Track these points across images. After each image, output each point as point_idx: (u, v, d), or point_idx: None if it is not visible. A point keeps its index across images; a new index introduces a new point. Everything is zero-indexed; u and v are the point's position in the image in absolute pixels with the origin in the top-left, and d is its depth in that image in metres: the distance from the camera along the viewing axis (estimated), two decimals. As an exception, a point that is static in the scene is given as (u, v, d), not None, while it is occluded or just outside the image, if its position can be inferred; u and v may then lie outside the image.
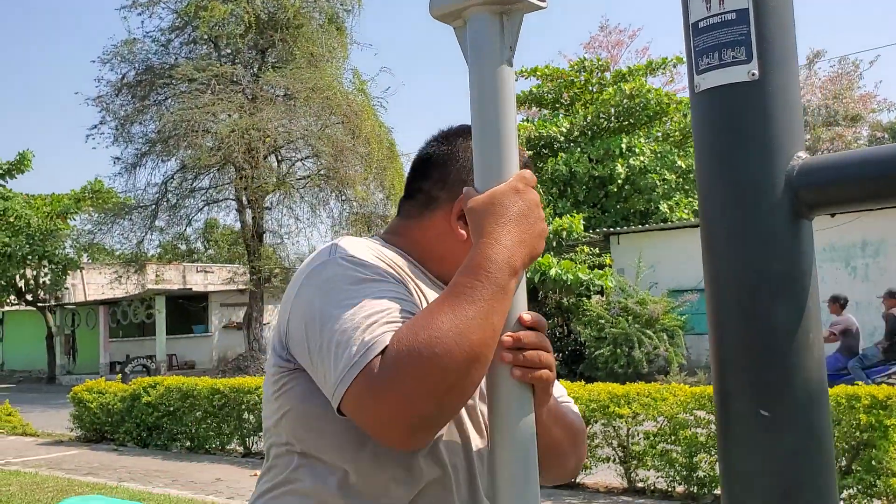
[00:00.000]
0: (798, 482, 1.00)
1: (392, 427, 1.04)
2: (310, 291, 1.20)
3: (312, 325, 1.15)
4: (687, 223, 21.12)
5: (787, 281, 1.02)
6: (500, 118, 1.16)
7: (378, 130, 21.54)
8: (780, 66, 1.04)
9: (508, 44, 1.19)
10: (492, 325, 1.05)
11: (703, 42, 1.08)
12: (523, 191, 1.13)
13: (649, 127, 25.12)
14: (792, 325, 1.02)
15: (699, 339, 19.08)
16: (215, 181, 21.28)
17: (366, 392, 1.04)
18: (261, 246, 21.86)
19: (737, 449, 1.04)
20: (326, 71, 20.45)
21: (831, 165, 1.02)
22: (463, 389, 1.05)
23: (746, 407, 1.03)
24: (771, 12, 1.04)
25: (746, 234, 1.04)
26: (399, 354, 1.04)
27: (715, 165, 1.08)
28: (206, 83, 19.05)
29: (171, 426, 10.35)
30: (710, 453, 7.17)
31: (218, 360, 25.21)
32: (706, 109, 1.08)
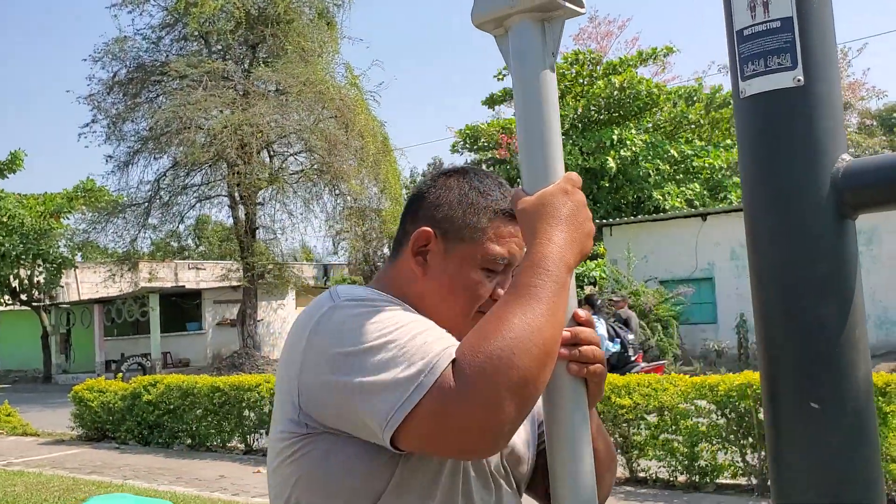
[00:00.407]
0: (847, 475, 1.04)
1: (482, 436, 1.04)
2: (323, 340, 1.17)
3: (341, 370, 1.12)
4: (679, 213, 21.20)
5: (834, 279, 1.06)
6: (545, 122, 1.19)
7: (371, 124, 21.54)
8: (823, 72, 1.08)
9: (551, 50, 1.21)
10: (559, 321, 1.09)
11: (748, 49, 1.11)
12: (571, 192, 1.16)
13: (640, 118, 25.18)
14: (839, 321, 1.06)
15: (693, 329, 19.20)
16: (207, 177, 21.26)
17: (441, 408, 1.04)
18: (254, 242, 21.84)
19: (787, 443, 1.08)
20: (318, 65, 20.43)
21: (874, 167, 1.06)
22: (538, 387, 1.07)
23: (796, 402, 1.07)
24: (814, 20, 1.08)
25: (793, 234, 1.07)
26: (476, 361, 1.04)
27: (761, 168, 1.11)
28: (198, 79, 19.00)
29: (172, 424, 10.37)
30: (712, 442, 7.24)
31: (212, 358, 25.19)
32: (752, 114, 1.12)
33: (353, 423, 1.13)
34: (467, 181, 1.36)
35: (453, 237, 1.31)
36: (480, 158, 27.17)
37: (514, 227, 1.31)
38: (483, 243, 1.30)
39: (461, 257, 1.30)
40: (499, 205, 1.33)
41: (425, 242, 1.32)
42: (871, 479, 1.05)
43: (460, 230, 1.31)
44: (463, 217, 1.32)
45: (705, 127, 26.65)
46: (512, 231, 1.32)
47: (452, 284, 1.30)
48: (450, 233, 1.32)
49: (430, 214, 1.34)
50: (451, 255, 1.31)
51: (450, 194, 1.35)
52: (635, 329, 12.35)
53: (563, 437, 1.13)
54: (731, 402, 6.98)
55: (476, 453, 1.10)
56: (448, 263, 1.31)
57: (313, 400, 1.16)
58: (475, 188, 1.34)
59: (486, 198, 1.33)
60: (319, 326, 1.18)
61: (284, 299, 27.45)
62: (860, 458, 1.05)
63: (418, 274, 1.32)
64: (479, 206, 1.32)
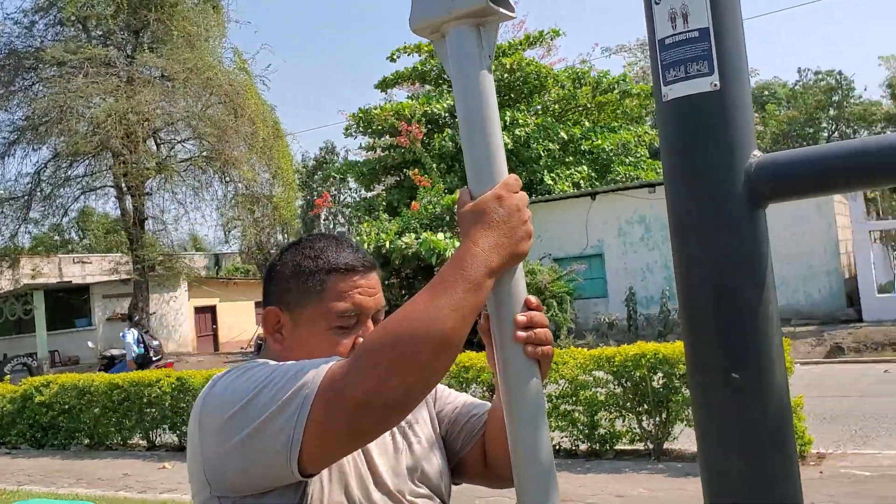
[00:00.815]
0: (766, 438, 1.17)
1: (366, 411, 1.11)
2: (211, 415, 1.23)
3: (234, 431, 1.18)
4: (571, 193, 21.79)
5: (749, 261, 1.18)
6: (486, 123, 1.26)
7: (261, 109, 21.18)
8: (737, 77, 1.20)
9: (487, 53, 1.28)
10: (463, 316, 1.15)
11: (669, 57, 1.22)
12: (506, 197, 1.22)
13: (529, 100, 25.63)
14: (755, 298, 1.18)
15: (586, 303, 19.83)
16: (92, 168, 20.42)
17: (332, 399, 1.13)
18: (143, 233, 21.19)
19: (712, 410, 1.20)
20: (205, 50, 19.90)
21: (783, 162, 1.19)
22: (432, 375, 1.15)
23: (718, 372, 1.19)
24: (728, 31, 1.20)
25: (712, 222, 1.19)
26: (371, 342, 1.14)
27: (682, 164, 1.22)
28: (78, 66, 18.20)
29: (69, 424, 10.04)
30: (610, 411, 7.58)
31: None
32: (673, 116, 1.22)
33: (263, 472, 1.19)
34: (299, 251, 1.44)
35: (296, 308, 1.40)
36: (374, 142, 27.06)
37: (355, 279, 1.40)
38: (324, 304, 1.38)
39: (309, 324, 1.38)
40: (332, 264, 1.40)
41: (276, 321, 1.41)
42: (786, 440, 1.19)
43: (300, 299, 1.39)
44: (298, 287, 1.40)
45: (592, 109, 27.38)
46: (353, 283, 1.40)
47: (309, 349, 1.36)
48: (292, 304, 1.40)
49: (274, 292, 1.43)
50: (300, 325, 1.39)
51: (285, 269, 1.43)
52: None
53: (522, 414, 1.23)
54: (627, 372, 7.33)
55: (372, 431, 1.16)
56: (300, 332, 1.39)
57: (221, 474, 1.22)
58: (306, 255, 1.42)
59: (317, 261, 1.41)
60: (206, 405, 1.25)
61: (177, 291, 26.72)
62: (776, 422, 1.18)
63: (279, 350, 1.40)
64: (312, 270, 1.40)
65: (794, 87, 49.82)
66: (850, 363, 13.86)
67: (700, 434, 1.23)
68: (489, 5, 1.23)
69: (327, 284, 1.39)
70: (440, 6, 1.25)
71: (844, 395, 10.54)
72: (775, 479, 1.18)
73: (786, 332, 15.92)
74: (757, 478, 1.17)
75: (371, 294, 1.42)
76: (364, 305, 1.40)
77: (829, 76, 48.08)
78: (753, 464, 1.17)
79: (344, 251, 1.43)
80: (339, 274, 1.40)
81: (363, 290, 1.40)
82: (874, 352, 14.44)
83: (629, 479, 6.70)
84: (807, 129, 46.36)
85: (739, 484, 1.18)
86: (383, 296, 1.49)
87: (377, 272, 1.48)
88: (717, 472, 1.20)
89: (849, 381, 11.88)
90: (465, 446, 1.53)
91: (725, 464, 1.19)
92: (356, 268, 1.42)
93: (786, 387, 1.20)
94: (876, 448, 7.37)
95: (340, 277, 1.40)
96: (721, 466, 1.20)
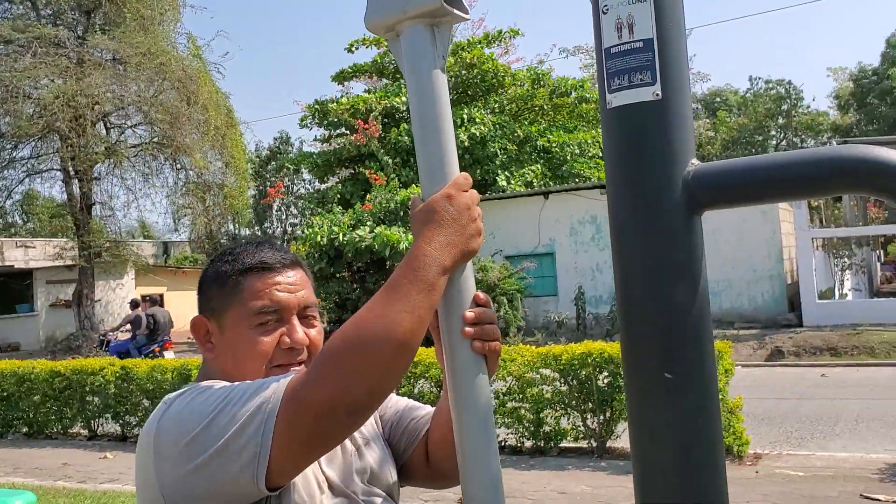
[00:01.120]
0: (696, 432, 1.22)
1: (331, 415, 1.14)
2: (168, 440, 1.22)
3: (196, 453, 1.18)
4: (524, 192, 21.94)
5: (685, 266, 1.23)
6: (438, 121, 1.28)
7: (215, 97, 20.90)
8: (678, 87, 1.24)
9: (441, 53, 1.30)
10: (419, 317, 1.18)
11: (614, 65, 1.26)
12: (455, 196, 1.25)
13: (486, 98, 25.72)
14: (689, 302, 1.23)
15: (536, 301, 20.00)
16: (38, 150, 19.94)
17: (295, 408, 1.14)
18: (90, 219, 20.77)
19: (646, 407, 1.25)
20: (159, 35, 19.55)
21: (719, 171, 1.24)
22: (392, 376, 1.18)
23: (652, 372, 1.24)
24: (671, 42, 1.24)
25: (651, 228, 1.23)
26: (331, 348, 1.16)
27: (624, 171, 1.27)
28: (26, 45, 17.74)
29: (6, 412, 9.83)
30: (556, 409, 7.67)
31: (46, 341, 23.79)
32: (617, 123, 1.27)
33: (228, 491, 1.19)
34: (220, 257, 1.47)
35: (219, 313, 1.42)
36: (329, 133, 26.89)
37: (273, 275, 1.42)
38: (243, 304, 1.40)
39: (232, 327, 1.40)
40: (247, 264, 1.42)
41: (204, 329, 1.43)
42: (714, 437, 1.24)
43: (221, 304, 1.41)
44: (219, 290, 1.42)
45: (548, 111, 27.59)
46: (270, 281, 1.41)
47: (236, 353, 1.39)
48: (216, 310, 1.42)
49: (200, 301, 1.46)
50: (225, 329, 1.41)
51: (206, 277, 1.46)
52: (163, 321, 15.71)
53: (469, 410, 1.25)
54: (574, 371, 7.42)
55: (337, 435, 1.19)
56: (225, 336, 1.41)
57: (183, 497, 1.21)
58: (224, 261, 1.45)
59: (233, 264, 1.43)
60: (161, 429, 1.24)
61: (123, 279, 26.26)
62: (706, 419, 1.23)
63: (212, 359, 1.43)
64: (228, 273, 1.42)
65: (745, 95, 50.78)
66: (789, 367, 14.21)
67: (633, 430, 1.28)
68: (443, 6, 1.25)
69: (243, 285, 1.40)
70: (395, 5, 1.27)
71: (783, 398, 10.81)
72: (703, 472, 1.23)
73: (729, 335, 16.27)
74: (686, 471, 1.22)
75: (292, 290, 1.42)
76: (283, 301, 1.40)
77: (779, 85, 49.12)
78: (683, 458, 1.22)
79: (262, 251, 1.45)
80: (254, 273, 1.41)
81: (281, 287, 1.41)
82: (813, 356, 14.82)
83: (572, 476, 6.80)
84: (756, 136, 47.32)
85: (669, 477, 1.23)
86: (313, 293, 1.49)
87: (302, 270, 1.48)
88: (649, 466, 1.25)
89: (788, 384, 12.18)
90: (407, 449, 1.56)
91: (656, 457, 1.24)
92: (272, 265, 1.43)
93: (715, 386, 1.26)
94: (810, 449, 7.59)
95: (256, 276, 1.41)
96: (652, 460, 1.25)
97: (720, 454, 1.25)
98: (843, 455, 7.16)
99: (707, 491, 1.23)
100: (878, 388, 11.20)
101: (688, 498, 1.22)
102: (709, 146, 41.96)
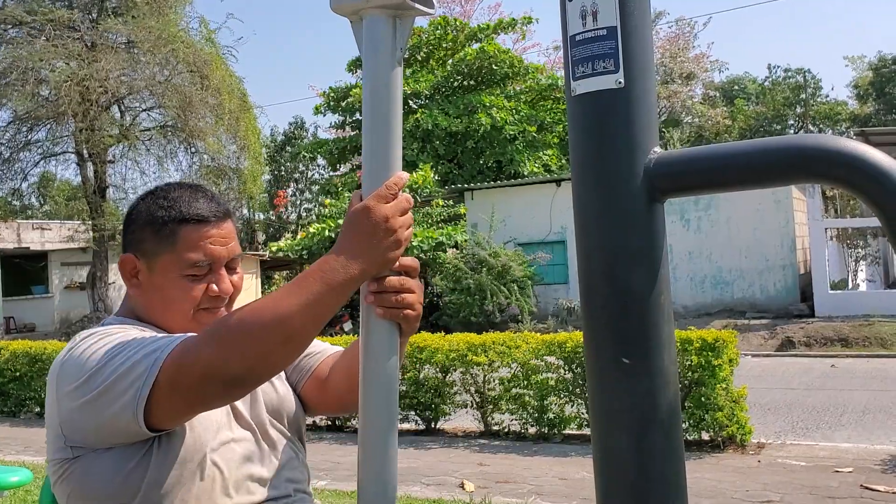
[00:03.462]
0: (652, 418, 1.24)
1: (209, 383, 1.22)
2: (68, 376, 1.33)
3: (89, 389, 1.29)
4: (536, 179, 21.89)
5: (645, 253, 1.24)
6: (388, 110, 1.30)
7: (229, 80, 20.92)
8: (642, 76, 1.25)
9: (399, 45, 1.31)
10: (313, 316, 1.23)
11: (579, 53, 1.27)
12: (373, 208, 1.26)
13: (502, 86, 25.66)
14: (647, 288, 1.24)
15: (547, 289, 19.99)
16: (53, 133, 20.06)
17: (178, 363, 1.24)
18: (103, 202, 20.90)
19: (603, 391, 1.27)
20: (171, 18, 19.58)
21: (680, 159, 1.25)
22: (275, 361, 1.25)
23: (611, 356, 1.26)
24: (635, 30, 1.24)
25: (612, 214, 1.25)
26: (224, 321, 1.24)
27: (587, 157, 1.28)
28: (40, 28, 17.81)
29: (19, 392, 9.96)
30: (560, 396, 7.70)
31: (60, 322, 24.03)
32: (581, 110, 1.28)
33: (114, 429, 1.30)
34: (153, 199, 1.50)
35: (151, 256, 1.47)
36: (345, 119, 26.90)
37: (207, 228, 1.47)
38: (177, 254, 1.45)
39: (163, 271, 1.46)
40: (184, 214, 1.46)
41: (132, 267, 1.48)
42: (672, 421, 1.26)
43: (155, 248, 1.46)
44: (152, 236, 1.46)
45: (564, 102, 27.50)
46: (205, 233, 1.46)
47: (164, 295, 1.46)
48: (148, 253, 1.47)
49: (129, 240, 1.50)
50: (155, 272, 1.47)
51: (140, 218, 1.49)
52: None
53: (373, 374, 1.30)
54: (578, 358, 7.44)
55: (215, 401, 1.29)
56: (154, 278, 1.47)
57: (74, 427, 1.33)
58: (159, 205, 1.48)
59: (170, 211, 1.47)
60: (64, 367, 1.36)
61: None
62: (664, 404, 1.25)
63: (137, 295, 1.49)
64: (164, 220, 1.46)
65: (764, 84, 50.34)
66: (799, 357, 14.17)
67: (593, 413, 1.29)
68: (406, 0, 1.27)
69: (179, 235, 1.46)
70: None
71: (791, 388, 10.79)
72: (660, 455, 1.25)
73: (740, 325, 16.23)
74: (643, 455, 1.24)
75: (223, 243, 1.49)
76: (216, 254, 1.48)
77: (798, 74, 48.64)
78: (640, 442, 1.24)
79: (197, 201, 1.49)
80: (191, 224, 1.46)
81: (215, 240, 1.47)
82: (823, 346, 14.77)
83: (574, 462, 6.82)
84: (774, 125, 46.93)
85: (627, 460, 1.25)
86: (238, 244, 1.56)
87: (231, 221, 1.55)
88: (607, 449, 1.28)
89: (797, 374, 12.15)
90: (298, 383, 1.66)
91: (614, 441, 1.26)
92: (208, 218, 1.48)
93: (674, 372, 1.27)
94: (814, 439, 7.58)
95: (193, 228, 1.46)
96: (610, 444, 1.27)
97: (677, 438, 1.27)
98: (846, 446, 7.15)
99: (664, 474, 1.25)
100: (888, 380, 11.15)
101: (645, 480, 1.25)
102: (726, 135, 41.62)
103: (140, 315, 1.50)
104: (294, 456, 1.55)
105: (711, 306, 18.62)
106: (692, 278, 19.06)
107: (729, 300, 18.69)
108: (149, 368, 1.25)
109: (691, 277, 19.05)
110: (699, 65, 40.17)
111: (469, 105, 23.23)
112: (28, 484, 3.84)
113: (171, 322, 1.47)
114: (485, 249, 18.34)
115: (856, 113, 46.52)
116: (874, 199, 1.10)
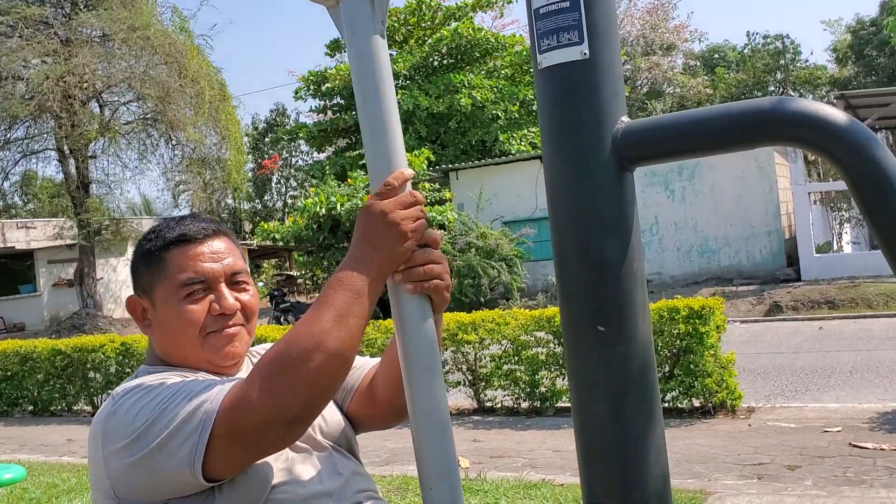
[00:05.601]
0: (629, 383, 1.26)
1: (271, 429, 1.20)
2: (116, 436, 1.27)
3: (139, 448, 1.24)
4: (521, 156, 21.88)
5: (616, 222, 1.26)
6: (379, 86, 1.30)
7: (206, 70, 20.77)
8: (606, 46, 1.26)
9: (380, 18, 1.32)
10: (348, 325, 1.22)
11: (543, 26, 1.28)
12: (371, 206, 1.28)
13: (480, 64, 25.58)
14: (619, 257, 1.26)
15: (536, 265, 20.04)
16: (32, 131, 19.90)
17: (232, 420, 1.20)
18: (87, 197, 20.78)
19: (580, 360, 1.28)
20: (143, 9, 19.39)
21: (647, 128, 1.26)
22: (326, 384, 1.23)
23: (587, 325, 1.27)
24: (597, 2, 1.25)
25: (582, 184, 1.26)
26: (265, 363, 1.21)
27: (556, 129, 1.29)
28: (13, 26, 17.62)
29: (11, 391, 9.94)
30: (550, 370, 7.75)
31: (50, 320, 23.93)
32: (548, 83, 1.29)
33: (173, 483, 1.26)
34: (145, 237, 1.49)
35: (150, 290, 1.45)
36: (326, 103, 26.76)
37: (195, 246, 1.45)
38: (169, 279, 1.43)
39: (163, 301, 1.43)
40: (167, 239, 1.45)
41: (140, 308, 1.47)
42: (648, 387, 1.28)
43: (149, 281, 1.45)
44: (146, 268, 1.45)
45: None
46: (193, 252, 1.44)
47: (170, 326, 1.43)
48: (146, 288, 1.45)
49: (133, 282, 1.49)
50: (158, 305, 1.44)
51: (135, 257, 1.49)
52: None
53: (413, 346, 1.29)
54: (568, 333, 7.47)
55: (279, 444, 1.26)
56: (159, 313, 1.44)
57: (128, 485, 1.28)
58: (147, 238, 1.48)
59: (157, 240, 1.46)
60: (108, 423, 1.30)
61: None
62: (640, 369, 1.27)
63: (152, 336, 1.47)
64: (153, 249, 1.45)
65: (743, 51, 50.33)
66: (787, 321, 14.29)
67: (571, 382, 1.31)
68: None
69: (167, 259, 1.43)
70: None
71: (779, 352, 10.89)
72: (639, 421, 1.27)
73: (728, 292, 16.34)
74: (621, 420, 1.26)
75: (215, 259, 1.45)
76: (207, 271, 1.43)
77: (777, 40, 48.64)
78: (617, 407, 1.26)
79: (182, 224, 1.47)
80: (178, 246, 1.44)
81: (205, 257, 1.44)
82: (810, 310, 14.90)
83: (567, 434, 6.88)
84: (755, 91, 46.96)
85: (606, 425, 1.27)
86: (241, 259, 1.52)
87: (226, 238, 1.51)
88: (586, 415, 1.30)
89: (785, 338, 12.26)
90: (345, 400, 1.62)
91: (593, 407, 1.28)
92: (194, 236, 1.45)
93: (649, 338, 1.29)
94: (803, 401, 7.67)
95: (179, 249, 1.44)
96: (590, 410, 1.29)
97: (655, 401, 1.29)
98: (834, 406, 7.25)
99: (643, 436, 1.27)
100: (874, 340, 11.28)
101: (624, 446, 1.27)
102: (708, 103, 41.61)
103: (163, 358, 1.46)
104: (355, 468, 1.53)
105: (699, 275, 18.73)
106: (679, 248, 19.15)
107: (716, 268, 18.79)
108: (203, 421, 1.22)
109: (678, 247, 19.14)
110: (679, 35, 40.11)
111: (450, 85, 23.15)
112: (23, 480, 3.85)
113: (185, 354, 1.43)
114: (472, 230, 18.34)
115: (836, 76, 46.60)
116: (836, 157, 1.13)
